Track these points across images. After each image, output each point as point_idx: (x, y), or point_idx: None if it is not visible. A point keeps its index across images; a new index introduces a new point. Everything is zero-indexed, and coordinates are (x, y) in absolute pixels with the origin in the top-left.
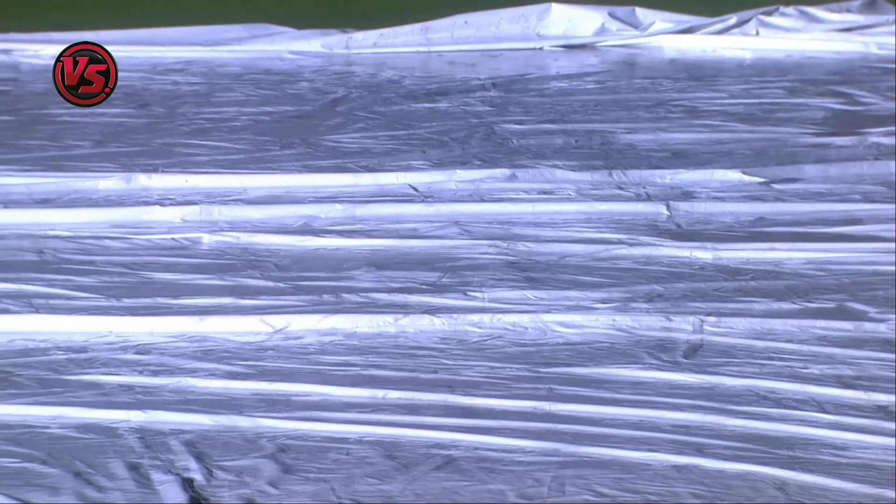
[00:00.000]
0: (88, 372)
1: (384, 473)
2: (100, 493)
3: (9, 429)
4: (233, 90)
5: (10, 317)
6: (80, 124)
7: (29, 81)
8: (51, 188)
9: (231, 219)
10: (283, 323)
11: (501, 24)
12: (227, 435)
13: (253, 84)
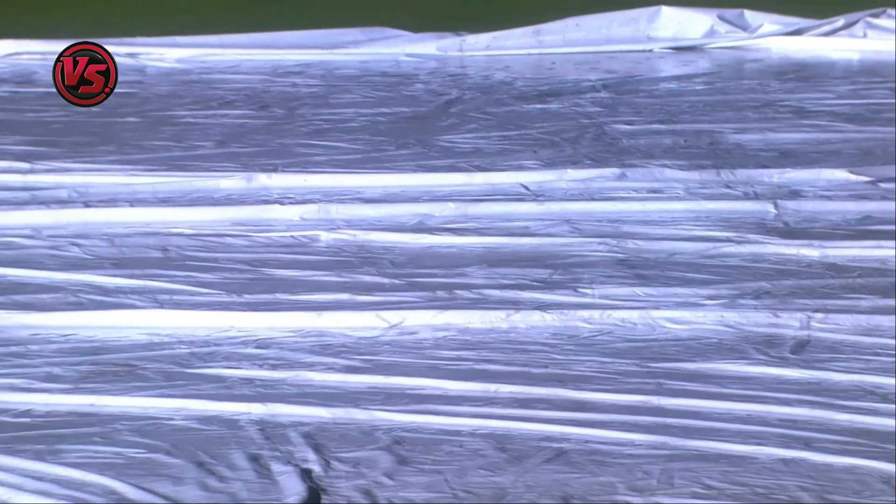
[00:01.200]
0: (211, 365)
1: (496, 465)
2: (222, 484)
3: (134, 420)
4: (350, 92)
5: (135, 312)
6: (203, 125)
7: (154, 84)
8: (174, 187)
9: (348, 217)
10: (398, 318)
11: (612, 27)
12: (344, 427)
13: (370, 86)
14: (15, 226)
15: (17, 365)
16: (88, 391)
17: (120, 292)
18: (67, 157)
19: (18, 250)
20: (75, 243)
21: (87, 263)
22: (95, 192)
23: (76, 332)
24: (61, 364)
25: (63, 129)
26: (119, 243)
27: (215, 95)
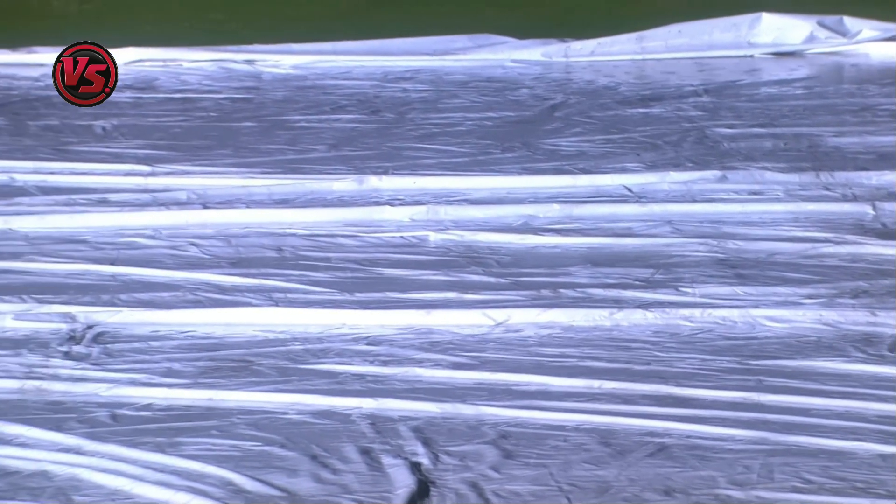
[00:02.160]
0: (323, 362)
1: (600, 459)
2: (334, 476)
3: (250, 414)
4: (458, 97)
5: (251, 310)
6: (317, 129)
7: (270, 90)
8: (289, 189)
9: (456, 218)
10: (503, 316)
11: (714, 33)
12: (452, 422)
13: (477, 91)
14: (137, 227)
15: (138, 361)
16: (206, 386)
17: (236, 291)
18: (187, 160)
19: (140, 250)
20: (194, 243)
21: (205, 263)
22: (213, 194)
23: (195, 329)
24: (180, 360)
25: (182, 133)
26: (236, 243)
27: (328, 100)
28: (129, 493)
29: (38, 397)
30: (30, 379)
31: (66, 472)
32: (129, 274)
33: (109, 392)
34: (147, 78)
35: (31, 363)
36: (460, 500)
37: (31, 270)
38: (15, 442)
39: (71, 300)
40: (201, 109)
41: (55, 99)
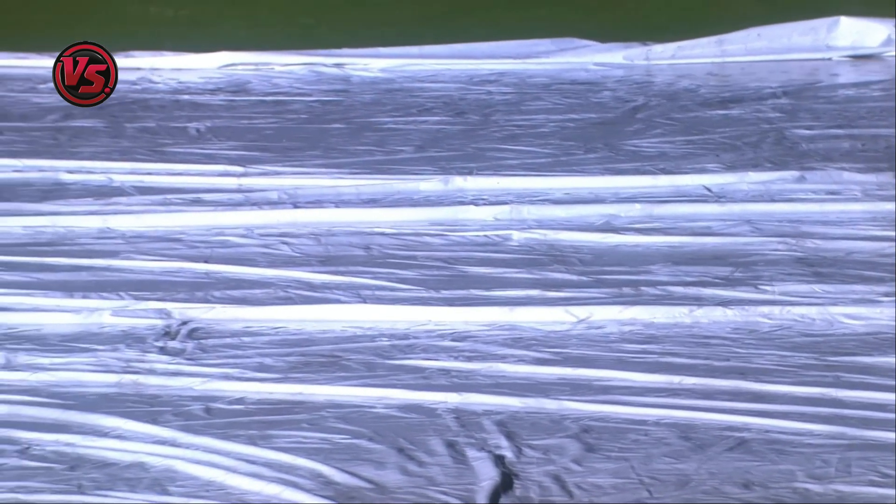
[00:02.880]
0: (410, 357)
1: (680, 453)
2: (420, 468)
3: (339, 408)
4: (541, 99)
5: (340, 306)
6: (404, 131)
7: (358, 92)
8: (377, 189)
9: (539, 217)
10: (586, 313)
11: (793, 37)
12: (535, 416)
13: (560, 93)
14: (230, 225)
15: (231, 356)
16: (297, 380)
17: (326, 288)
18: (278, 161)
19: (233, 248)
20: (285, 242)
21: (295, 261)
22: (304, 193)
23: (286, 325)
24: (272, 355)
25: (274, 135)
26: (325, 242)
27: (415, 103)
28: (221, 485)
29: (134, 391)
30: (127, 373)
31: (161, 463)
32: (222, 271)
33: (203, 386)
34: (240, 81)
35: (128, 358)
36: (543, 493)
37: (128, 268)
38: (112, 434)
39: (166, 297)
40: (292, 112)
41: (152, 102)
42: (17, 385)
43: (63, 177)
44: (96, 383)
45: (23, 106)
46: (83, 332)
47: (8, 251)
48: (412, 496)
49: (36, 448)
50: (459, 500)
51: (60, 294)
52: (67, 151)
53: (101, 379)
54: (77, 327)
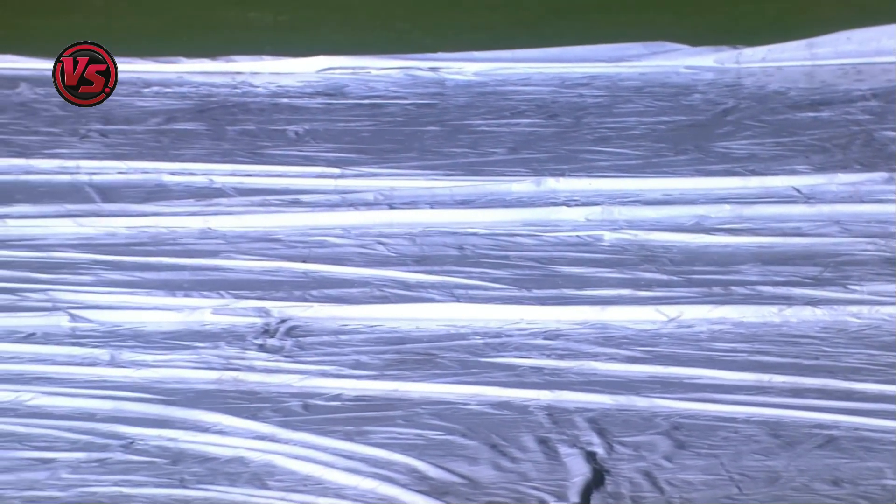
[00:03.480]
0: (503, 355)
1: (769, 450)
2: (513, 464)
3: (434, 405)
4: (633, 102)
5: (434, 305)
6: (497, 133)
7: (453, 95)
8: (470, 190)
9: (630, 218)
10: (676, 312)
11: (882, 40)
12: (626, 413)
13: (651, 96)
14: (327, 226)
15: (328, 353)
16: (392, 378)
17: (420, 287)
18: (374, 163)
19: (330, 248)
20: (381, 242)
21: (391, 260)
22: (399, 195)
23: (381, 323)
24: (368, 353)
25: (370, 137)
26: (420, 242)
27: (508, 106)
28: (319, 479)
29: (234, 387)
30: (227, 370)
31: (261, 458)
32: (319, 271)
33: (301, 383)
34: (337, 85)
35: (228, 355)
36: (634, 489)
37: (229, 267)
38: (213, 429)
39: (265, 296)
40: (388, 114)
41: (252, 105)
42: (121, 381)
43: (166, 178)
44: (198, 380)
45: (127, 109)
46: (185, 329)
47: (112, 251)
48: (505, 492)
49: (140, 443)
50: (552, 495)
51: (163, 293)
52: (170, 154)
53: (203, 376)
54: (179, 325)
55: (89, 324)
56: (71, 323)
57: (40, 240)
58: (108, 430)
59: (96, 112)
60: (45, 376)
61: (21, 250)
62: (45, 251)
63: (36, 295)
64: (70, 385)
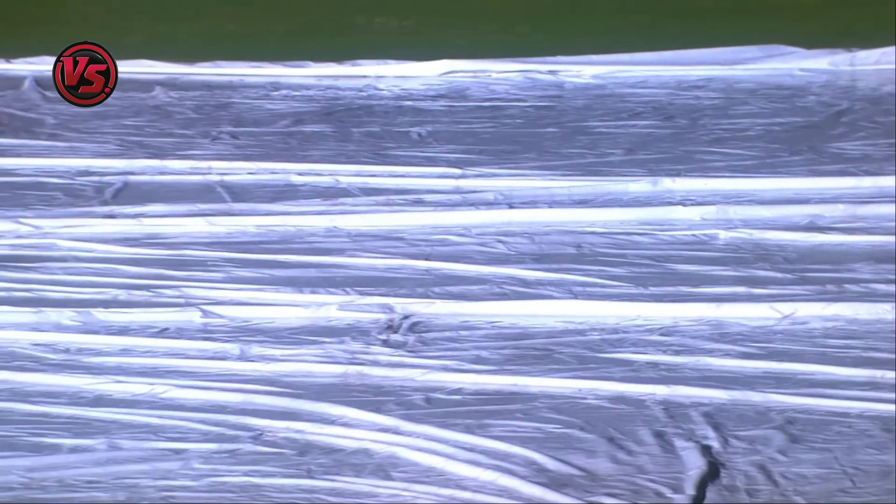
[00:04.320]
0: (619, 351)
1: (883, 445)
2: (630, 457)
3: (552, 399)
4: (748, 104)
5: (552, 302)
6: (614, 135)
7: (571, 98)
8: (588, 190)
9: (744, 217)
10: (790, 309)
11: None
12: (741, 408)
13: (766, 98)
14: (449, 225)
15: (449, 348)
16: (511, 372)
17: (539, 284)
18: (494, 163)
19: (451, 247)
20: (500, 240)
21: (510, 258)
22: (518, 194)
23: (501, 319)
24: (488, 348)
25: (490, 138)
26: (538, 240)
27: (625, 107)
28: (441, 471)
29: (359, 381)
30: (352, 364)
31: (384, 450)
32: (441, 268)
33: (424, 377)
34: (459, 88)
35: (353, 350)
36: (749, 481)
37: (354, 265)
38: (339, 422)
39: (389, 292)
40: (508, 116)
41: (376, 107)
42: (250, 375)
43: (293, 179)
44: (324, 374)
45: (257, 112)
46: (312, 325)
47: (242, 249)
48: (622, 484)
49: (268, 434)
50: (668, 488)
51: (291, 289)
52: (298, 155)
53: (329, 370)
54: (306, 321)
55: (220, 319)
56: (203, 318)
57: (173, 238)
58: (238, 421)
59: (227, 115)
60: (178, 370)
61: (155, 248)
62: (178, 249)
63: (169, 291)
64: (202, 378)
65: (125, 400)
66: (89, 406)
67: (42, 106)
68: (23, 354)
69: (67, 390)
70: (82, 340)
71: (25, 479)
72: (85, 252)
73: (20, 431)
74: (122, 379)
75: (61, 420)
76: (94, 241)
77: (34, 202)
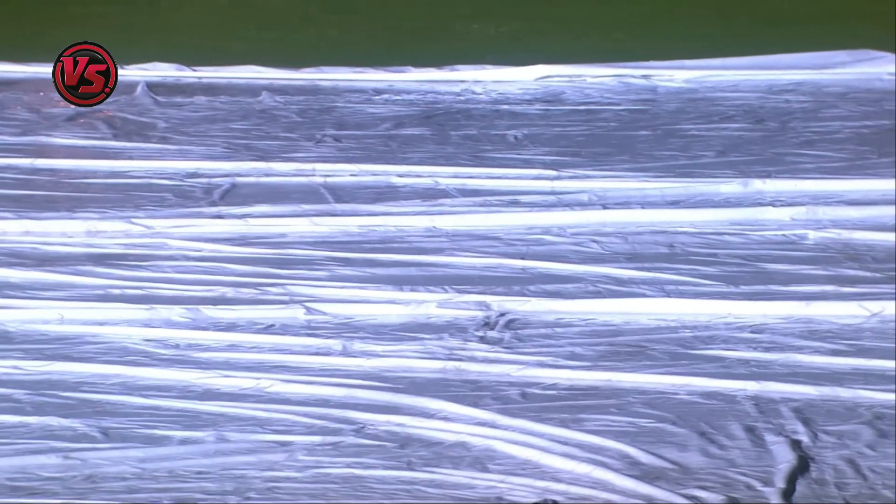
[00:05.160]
0: (711, 347)
1: None
2: (721, 451)
3: (645, 394)
4: (837, 107)
5: (645, 300)
6: (706, 138)
7: (664, 102)
8: (680, 191)
9: (833, 217)
10: (879, 307)
11: None
12: (830, 403)
13: (854, 101)
14: (544, 225)
15: (545, 345)
16: (605, 368)
17: (632, 283)
18: (588, 165)
19: (547, 246)
20: (594, 240)
21: (604, 258)
22: (612, 195)
23: (595, 316)
24: (582, 344)
25: (585, 141)
26: (632, 240)
27: (717, 111)
28: (537, 464)
29: (457, 376)
30: (451, 360)
31: (482, 443)
32: (536, 267)
33: (520, 373)
34: (555, 92)
35: (451, 346)
36: (838, 475)
37: (452, 264)
38: (438, 416)
39: (486, 290)
40: (602, 120)
41: (474, 111)
42: (353, 370)
43: (394, 180)
44: (423, 369)
45: (359, 116)
46: (412, 322)
47: (345, 248)
48: (713, 477)
49: (370, 427)
50: (758, 481)
51: (391, 287)
52: (398, 157)
53: (428, 365)
54: (406, 318)
55: (324, 316)
56: (307, 315)
57: (279, 238)
58: (340, 415)
59: (331, 118)
60: (283, 365)
61: (261, 248)
62: (283, 248)
63: (275, 289)
64: (306, 373)
65: (232, 394)
66: (198, 399)
67: (154, 110)
68: (135, 350)
69: (177, 384)
70: (192, 336)
71: (137, 470)
72: (194, 251)
73: (132, 423)
74: (230, 373)
75: (171, 413)
76: (202, 240)
77: (146, 203)
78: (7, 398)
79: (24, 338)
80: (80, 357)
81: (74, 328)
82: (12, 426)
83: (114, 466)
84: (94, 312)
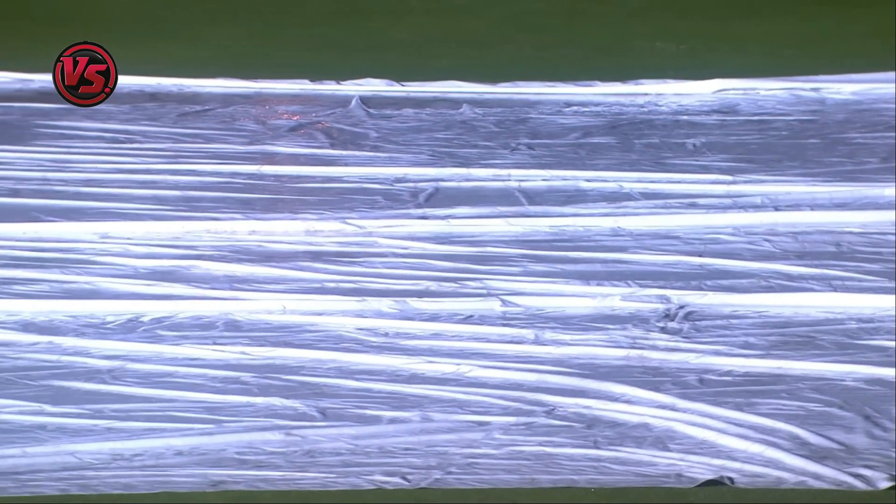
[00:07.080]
0: (875, 338)
1: None
2: (885, 433)
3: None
4: None
5: (814, 294)
6: (871, 145)
7: (832, 112)
8: (847, 194)
9: None
10: None
11: None
12: None
13: None
14: (720, 225)
15: (720, 335)
16: (777, 357)
17: (802, 278)
18: (762, 171)
19: (723, 245)
20: (767, 239)
21: (775, 255)
22: (783, 198)
23: (767, 309)
24: (755, 335)
25: (758, 148)
26: (801, 239)
27: (882, 121)
28: (713, 444)
29: (639, 363)
30: (633, 348)
31: (662, 424)
32: (713, 264)
33: (697, 360)
34: (730, 104)
35: (634, 336)
36: None
37: (635, 261)
38: (622, 399)
39: (666, 285)
40: (774, 129)
41: (656, 121)
42: (544, 357)
43: (582, 185)
44: (608, 357)
45: (550, 126)
46: (598, 314)
47: (537, 246)
48: (877, 457)
49: (560, 410)
50: None
51: (579, 282)
52: (586, 163)
53: (613, 353)
54: (593, 310)
55: (517, 308)
56: (502, 307)
57: (477, 237)
58: (533, 398)
59: (525, 128)
60: (481, 352)
61: (461, 245)
62: (481, 246)
63: (473, 283)
64: (501, 360)
65: (436, 378)
66: (405, 383)
67: (366, 122)
68: (349, 337)
69: (386, 369)
70: (399, 326)
71: (351, 446)
72: (401, 248)
73: (346, 404)
74: (433, 359)
75: (381, 395)
76: (409, 239)
77: (358, 205)
78: (236, 381)
79: (251, 326)
80: (300, 344)
81: (295, 318)
82: (240, 405)
83: (330, 443)
84: (312, 304)
